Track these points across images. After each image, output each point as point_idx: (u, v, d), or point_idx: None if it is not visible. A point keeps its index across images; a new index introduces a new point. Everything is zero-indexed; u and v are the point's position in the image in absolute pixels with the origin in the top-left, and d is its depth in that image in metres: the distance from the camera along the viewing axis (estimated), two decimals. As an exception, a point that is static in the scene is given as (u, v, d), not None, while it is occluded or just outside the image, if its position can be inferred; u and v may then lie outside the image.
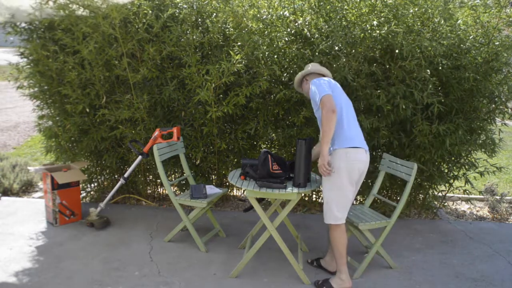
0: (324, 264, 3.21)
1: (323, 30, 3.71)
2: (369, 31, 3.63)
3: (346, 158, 2.74)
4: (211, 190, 3.61)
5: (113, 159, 4.26)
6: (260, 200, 3.08)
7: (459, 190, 4.42)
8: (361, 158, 2.78)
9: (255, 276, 3.11)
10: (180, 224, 3.51)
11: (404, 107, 3.59)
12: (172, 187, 4.13)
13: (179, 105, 4.11)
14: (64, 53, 3.96)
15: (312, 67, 3.08)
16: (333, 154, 2.77)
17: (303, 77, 3.08)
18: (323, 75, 3.05)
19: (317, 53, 3.66)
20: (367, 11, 3.72)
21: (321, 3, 3.71)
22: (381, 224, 3.10)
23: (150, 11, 3.80)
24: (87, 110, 4.08)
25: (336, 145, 2.77)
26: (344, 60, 3.57)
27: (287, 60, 3.82)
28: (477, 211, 4.62)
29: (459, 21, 3.74)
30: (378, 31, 3.60)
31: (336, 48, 3.68)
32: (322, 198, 4.51)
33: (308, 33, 3.73)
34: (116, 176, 4.58)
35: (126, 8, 3.72)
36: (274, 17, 3.80)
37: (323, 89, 2.75)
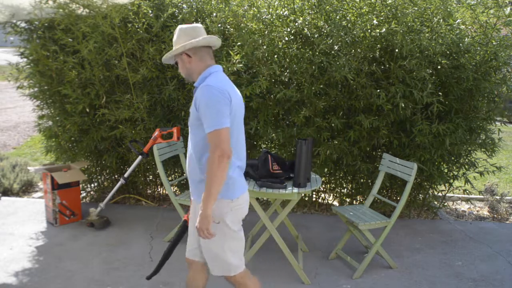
0: None
1: (323, 30, 3.71)
2: (369, 30, 3.63)
3: (232, 208, 2.05)
4: (211, 190, 3.60)
5: (113, 159, 4.26)
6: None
7: (459, 190, 4.42)
8: (247, 199, 2.16)
9: (255, 276, 3.10)
10: (180, 224, 3.51)
11: (403, 106, 3.59)
12: (172, 187, 4.13)
13: (179, 105, 4.11)
14: (64, 53, 3.96)
15: (191, 34, 2.03)
16: (215, 203, 1.97)
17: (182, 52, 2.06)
18: (209, 47, 2.09)
19: (317, 53, 3.66)
20: (367, 10, 3.72)
21: (321, 3, 3.71)
22: (381, 224, 3.10)
23: (150, 11, 3.80)
24: (87, 110, 4.08)
25: (220, 193, 1.97)
26: (344, 59, 3.57)
27: (287, 60, 3.82)
28: (477, 211, 4.62)
29: (458, 21, 3.75)
30: (377, 31, 3.60)
31: (336, 47, 3.68)
32: (321, 198, 4.51)
33: (308, 33, 3.73)
34: (116, 176, 4.58)
35: (125, 8, 3.72)
36: (274, 17, 3.80)
37: (221, 114, 1.87)
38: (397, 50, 3.61)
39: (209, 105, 1.87)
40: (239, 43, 3.76)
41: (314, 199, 4.52)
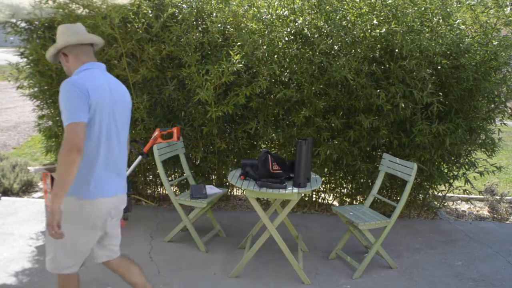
0: None
1: (323, 30, 3.71)
2: (369, 30, 3.63)
3: (81, 207, 1.98)
4: (211, 190, 3.61)
5: (113, 159, 4.25)
6: None
7: (459, 190, 4.43)
8: (109, 206, 2.05)
9: (255, 276, 3.11)
10: (180, 224, 3.51)
11: (403, 106, 3.59)
12: (172, 187, 4.13)
13: (179, 105, 4.11)
14: (64, 53, 3.96)
15: (66, 33, 2.07)
16: (65, 200, 1.91)
17: (59, 51, 2.11)
18: (91, 45, 2.14)
19: (317, 53, 3.66)
20: (367, 10, 3.72)
21: (321, 3, 3.72)
22: (381, 224, 3.10)
23: (149, 11, 3.80)
24: (87, 110, 4.07)
25: (71, 190, 1.94)
26: (344, 59, 3.57)
27: (287, 60, 3.82)
28: (477, 211, 4.62)
29: (458, 21, 3.75)
30: (377, 31, 3.61)
31: (336, 47, 3.68)
32: (321, 198, 4.51)
33: (308, 33, 3.73)
34: (116, 176, 4.57)
35: (125, 9, 3.72)
36: (274, 17, 3.80)
37: (75, 108, 1.87)
38: (397, 50, 3.61)
39: (64, 100, 1.89)
40: (239, 43, 3.76)
41: (314, 199, 4.52)
